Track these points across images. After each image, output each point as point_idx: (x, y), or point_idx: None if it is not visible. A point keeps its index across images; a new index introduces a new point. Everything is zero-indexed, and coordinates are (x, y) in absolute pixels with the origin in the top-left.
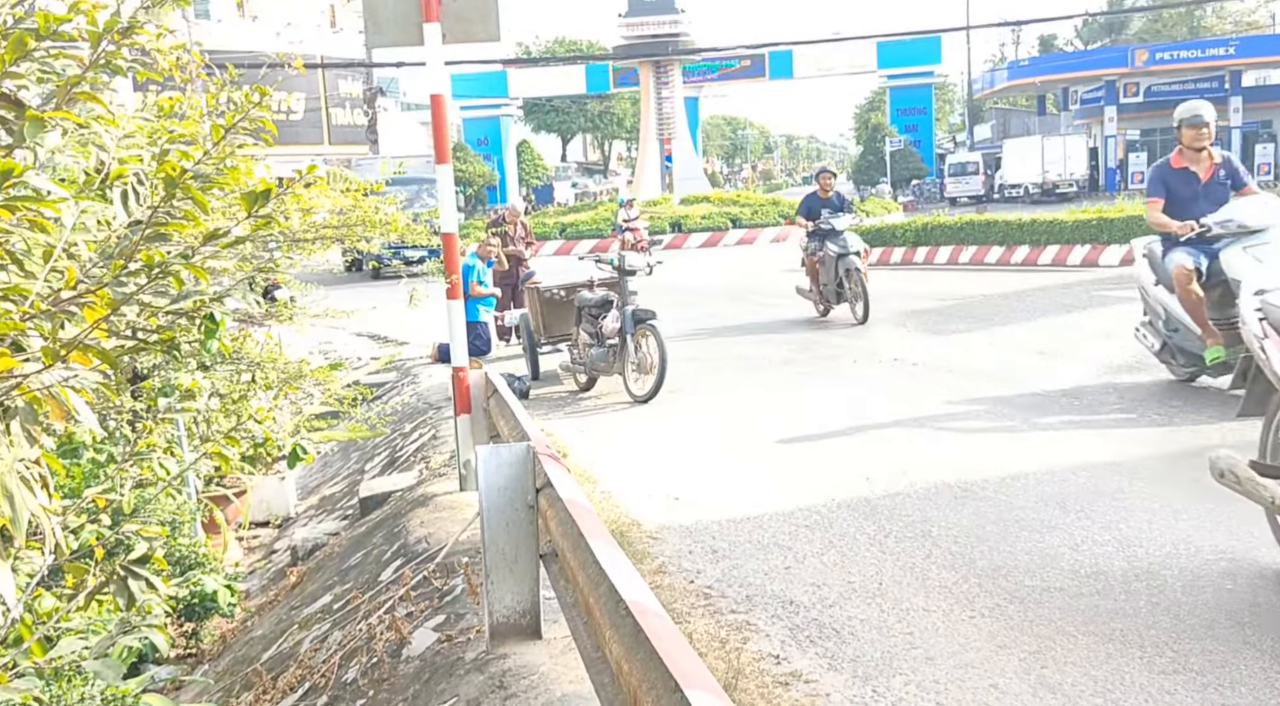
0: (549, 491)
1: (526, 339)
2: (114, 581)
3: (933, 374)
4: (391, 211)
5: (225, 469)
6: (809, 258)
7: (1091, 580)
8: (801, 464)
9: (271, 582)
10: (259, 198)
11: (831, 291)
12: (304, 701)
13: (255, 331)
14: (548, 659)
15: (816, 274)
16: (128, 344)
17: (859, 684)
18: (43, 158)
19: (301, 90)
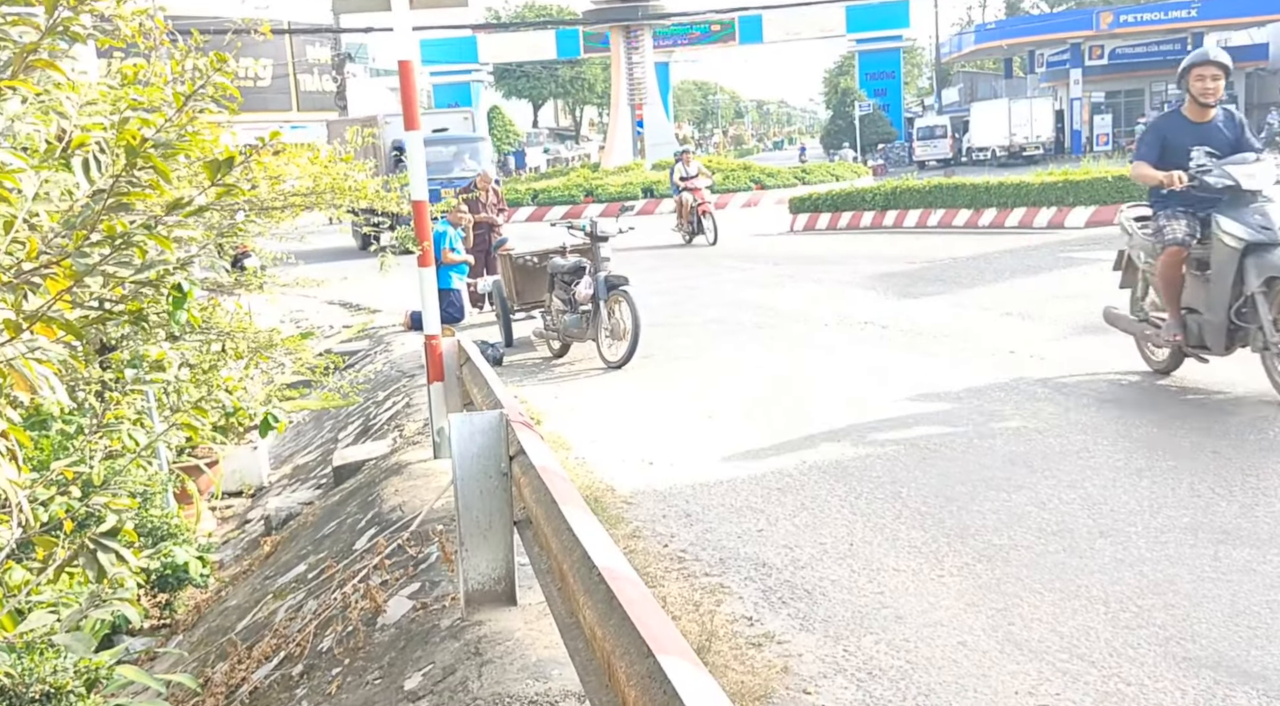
0: (522, 459)
1: (499, 306)
2: (84, 554)
3: (902, 336)
4: (361, 178)
5: (196, 439)
6: None
7: (1057, 538)
8: (774, 427)
9: (245, 552)
10: (222, 166)
11: None
12: (279, 670)
13: (225, 300)
14: (523, 625)
15: None
16: (93, 315)
17: (830, 643)
18: (2, 126)
19: (269, 57)
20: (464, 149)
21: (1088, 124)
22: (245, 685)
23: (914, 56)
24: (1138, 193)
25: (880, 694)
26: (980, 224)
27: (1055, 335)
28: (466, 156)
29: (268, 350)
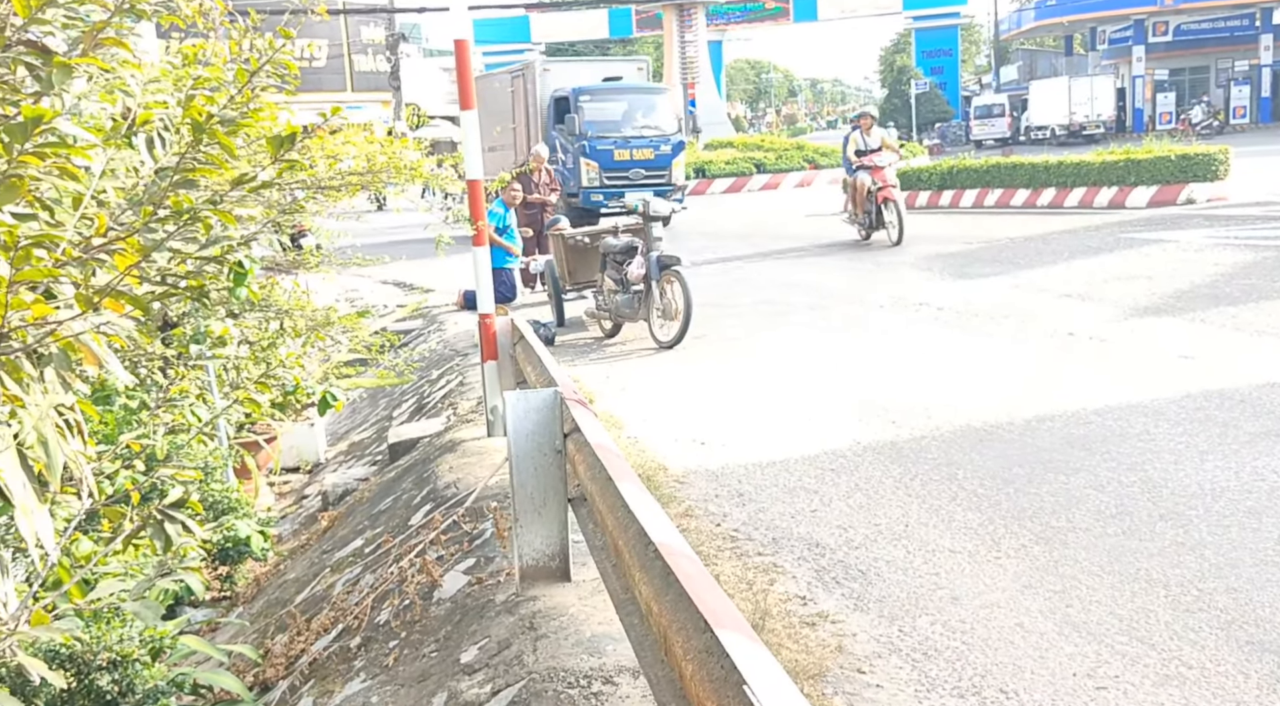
0: (576, 436)
1: (551, 285)
2: (151, 525)
3: (958, 318)
4: (416, 157)
5: (257, 415)
6: None
7: (1116, 520)
8: (827, 408)
9: (303, 527)
10: (284, 141)
11: None
12: (338, 642)
13: (282, 279)
14: (577, 601)
15: None
16: (158, 290)
17: (885, 623)
18: (69, 104)
19: (324, 37)
20: (639, 103)
21: (1150, 102)
22: (305, 656)
23: (972, 34)
24: (1202, 172)
25: (936, 674)
26: (1039, 204)
27: (1116, 316)
28: (640, 113)
29: (325, 328)
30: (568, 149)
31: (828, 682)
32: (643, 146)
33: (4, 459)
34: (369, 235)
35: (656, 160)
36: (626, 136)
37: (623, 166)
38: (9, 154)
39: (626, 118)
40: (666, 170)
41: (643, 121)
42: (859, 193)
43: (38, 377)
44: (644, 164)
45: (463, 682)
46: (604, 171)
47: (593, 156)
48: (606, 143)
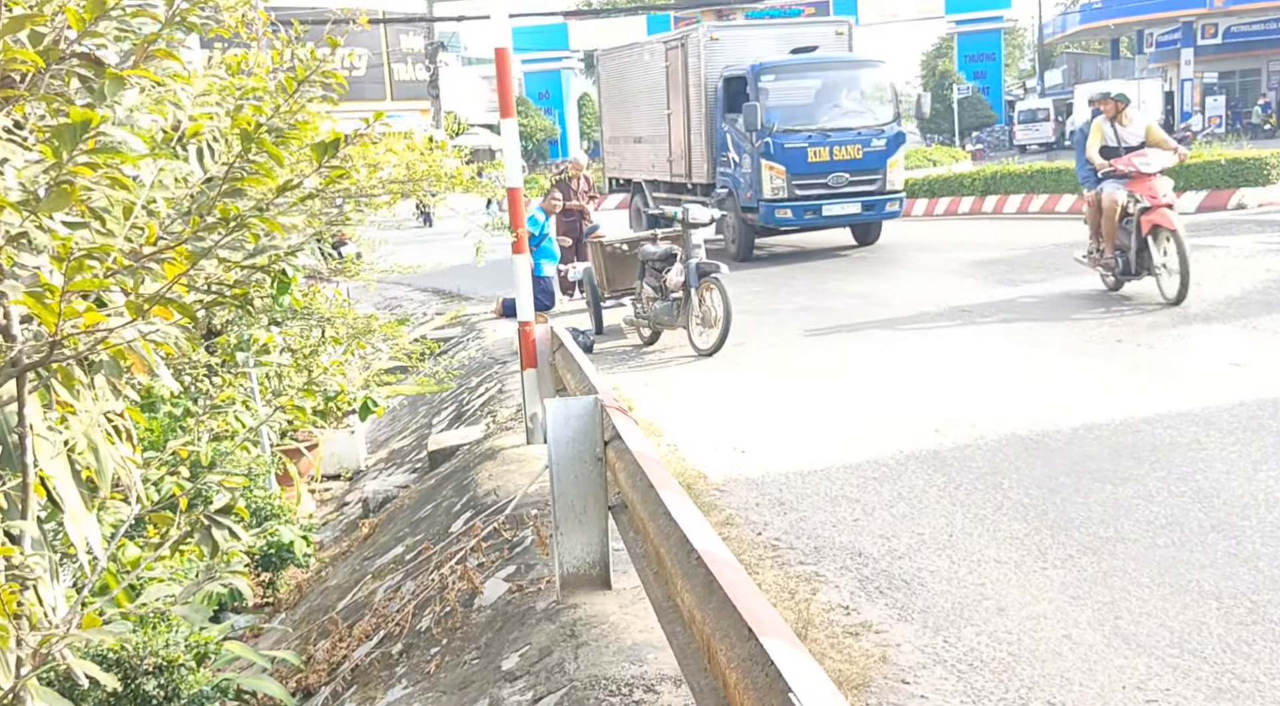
0: (617, 444)
1: (590, 293)
2: (198, 530)
3: (1003, 324)
4: (455, 165)
5: (301, 422)
6: None
7: (1167, 531)
8: (868, 416)
9: (344, 534)
10: (328, 148)
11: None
12: (379, 648)
13: (324, 287)
14: (618, 608)
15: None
16: (206, 298)
17: (929, 634)
18: (121, 116)
19: (364, 46)
20: (841, 82)
21: (1199, 106)
22: (347, 662)
23: (1015, 37)
24: (1253, 177)
25: (982, 686)
26: (1084, 210)
27: (1165, 323)
28: (843, 96)
29: (365, 336)
30: (742, 148)
31: (871, 693)
32: (847, 142)
33: (54, 465)
34: (411, 243)
35: (866, 160)
36: (825, 129)
37: (820, 170)
38: (59, 160)
39: (824, 103)
40: (879, 173)
41: (846, 107)
42: (1106, 215)
43: (89, 384)
44: (849, 165)
45: (504, 690)
46: (794, 178)
47: (778, 158)
48: (797, 139)
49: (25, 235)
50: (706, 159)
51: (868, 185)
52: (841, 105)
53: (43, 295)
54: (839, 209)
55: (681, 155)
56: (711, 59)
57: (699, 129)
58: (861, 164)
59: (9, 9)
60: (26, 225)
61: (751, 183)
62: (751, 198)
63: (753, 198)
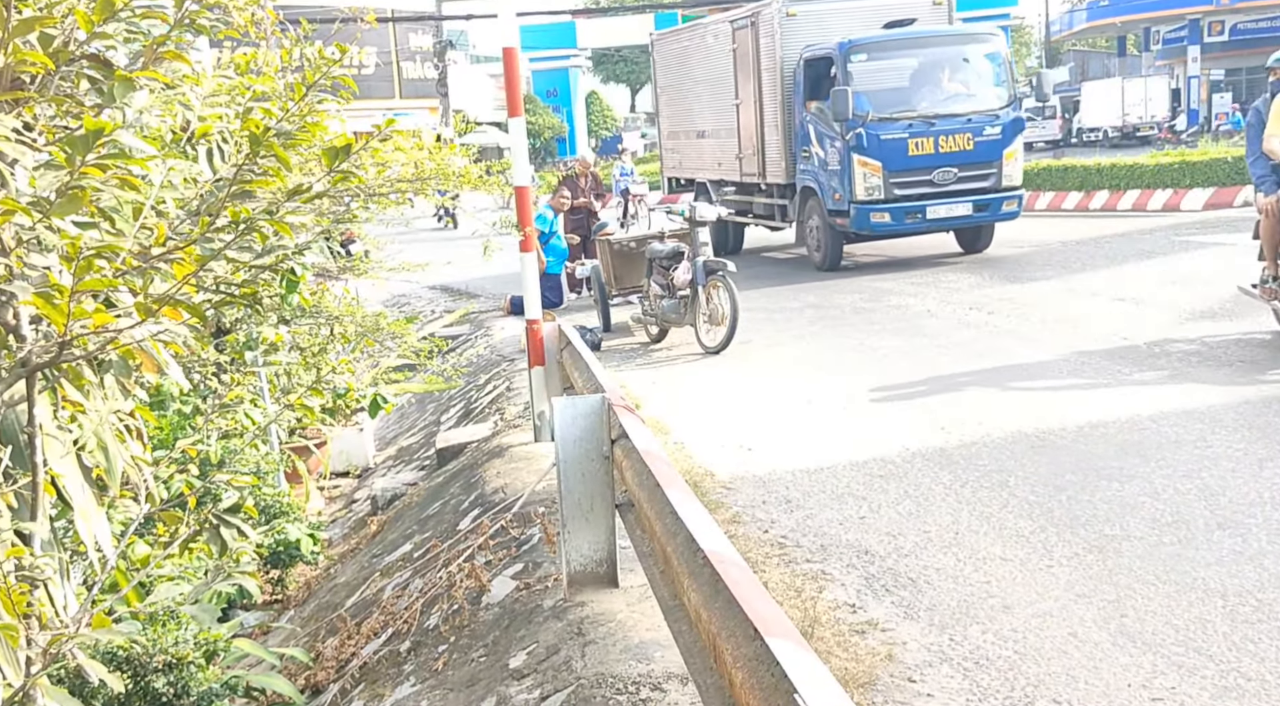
0: (624, 442)
1: (597, 291)
2: (207, 529)
3: (1009, 322)
4: (463, 163)
5: (310, 420)
6: None
7: (1173, 529)
8: (875, 414)
9: (353, 531)
10: (339, 153)
11: None
12: (387, 646)
13: (333, 285)
14: (624, 607)
15: None
16: (214, 298)
17: (935, 632)
18: (130, 117)
19: (373, 45)
20: (945, 60)
21: (1206, 103)
22: (355, 659)
23: (1022, 35)
24: None
25: (988, 684)
26: (1091, 207)
27: (1171, 321)
28: (947, 77)
29: (374, 334)
30: (828, 141)
31: (878, 691)
32: (955, 130)
33: (64, 463)
34: (415, 240)
35: (979, 152)
36: (928, 116)
37: (923, 165)
38: (71, 166)
39: (926, 85)
40: (994, 167)
41: (953, 89)
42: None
43: (98, 384)
44: (958, 159)
45: (511, 687)
46: (892, 175)
47: (873, 152)
48: (896, 128)
49: (35, 236)
50: (783, 155)
51: (980, 181)
52: (947, 87)
53: (52, 296)
54: (946, 210)
55: (753, 151)
56: (788, 38)
57: (774, 120)
58: (973, 156)
59: (19, 11)
60: (38, 227)
61: (840, 182)
62: (840, 199)
63: (842, 199)
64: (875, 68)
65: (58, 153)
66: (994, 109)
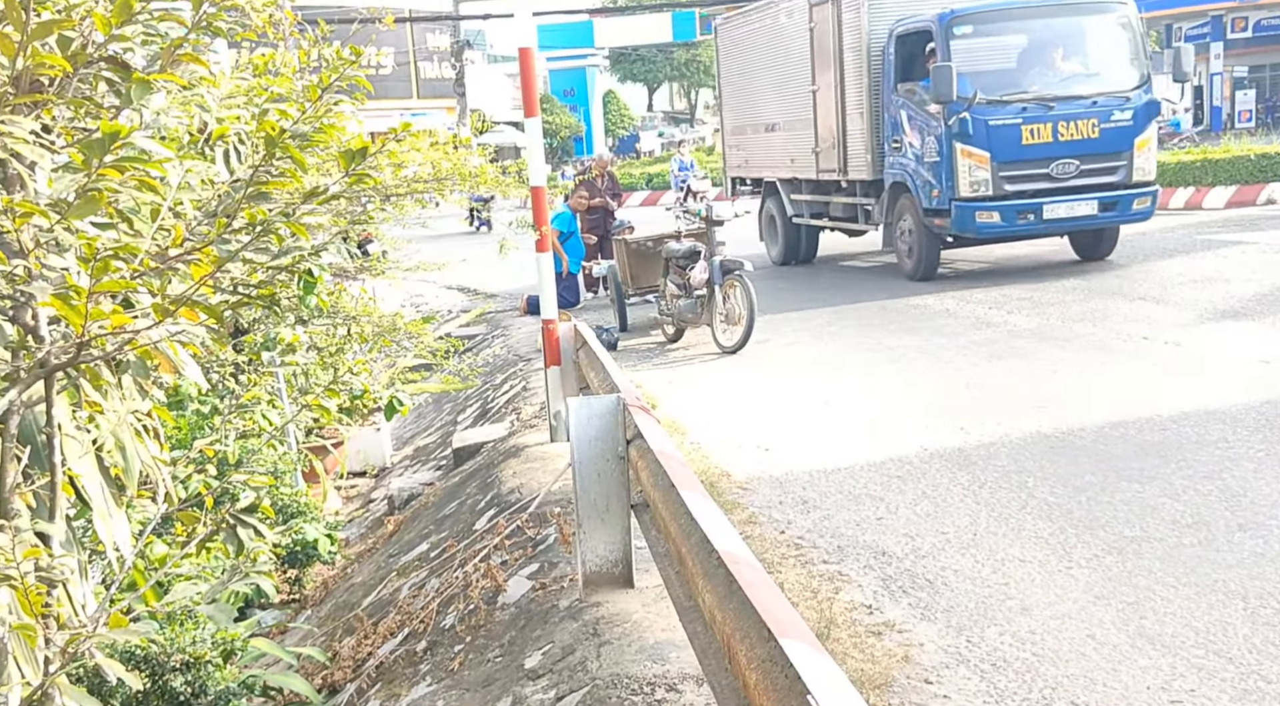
0: (639, 442)
1: (614, 290)
2: (224, 529)
3: (1028, 321)
4: (479, 163)
5: (327, 420)
6: None
7: (1193, 531)
8: (893, 414)
9: (370, 531)
10: (355, 155)
11: None
12: (404, 646)
13: (350, 285)
14: (640, 607)
15: None
16: (231, 299)
17: (953, 634)
18: (148, 119)
19: (390, 45)
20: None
21: (1229, 100)
22: (371, 659)
23: None
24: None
25: (1005, 686)
26: None
27: (1191, 320)
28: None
29: (391, 334)
30: (925, 128)
31: (894, 693)
32: (1078, 115)
33: (83, 463)
34: (432, 240)
35: (1105, 140)
36: (1046, 98)
37: (1039, 156)
38: (89, 168)
39: (1040, 62)
40: (1124, 158)
41: (1074, 67)
42: None
43: (116, 384)
44: (1080, 148)
45: (527, 688)
46: (1002, 168)
47: (980, 140)
48: (1007, 113)
49: (53, 238)
50: (868, 147)
51: (1107, 175)
52: (1067, 65)
53: (70, 297)
54: (1066, 209)
55: (832, 144)
56: (876, 13)
57: (858, 107)
58: (1098, 146)
59: (37, 14)
60: (56, 229)
61: (939, 176)
62: (939, 196)
63: (941, 196)
64: (982, 43)
65: (76, 155)
66: (1123, 90)
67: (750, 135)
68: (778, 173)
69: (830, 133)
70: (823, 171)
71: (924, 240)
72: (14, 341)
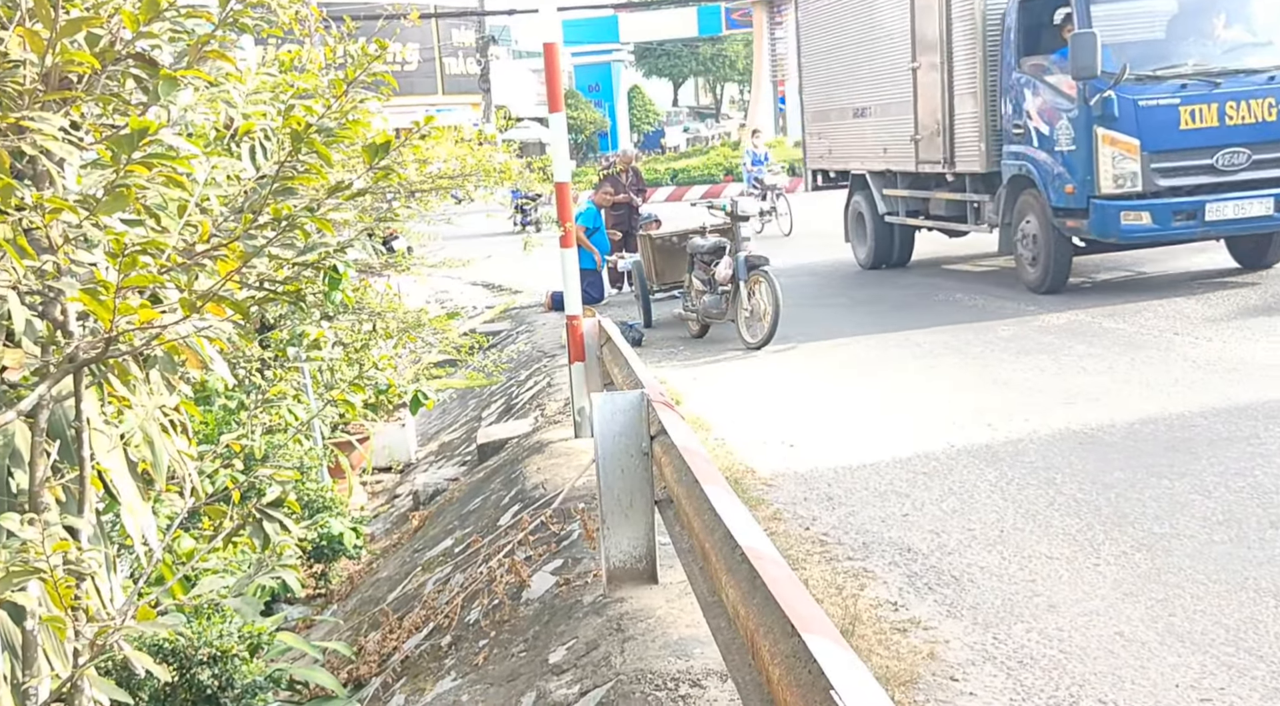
0: (663, 438)
1: (639, 286)
2: (250, 523)
3: (1056, 317)
4: (504, 159)
5: (352, 415)
6: None
7: (1224, 527)
8: (919, 411)
9: (395, 526)
10: (379, 150)
11: None
12: (429, 641)
13: (375, 281)
14: (664, 603)
15: None
16: (257, 295)
17: (979, 631)
18: (175, 115)
19: (416, 41)
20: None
21: None
22: (397, 654)
23: None
24: None
25: (1032, 683)
26: None
27: (1224, 315)
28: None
29: (416, 330)
30: (1057, 111)
31: (919, 690)
32: (1250, 93)
33: (111, 458)
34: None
35: None
36: (1208, 74)
37: (1200, 143)
38: (117, 164)
39: (1194, 30)
40: None
41: (1236, 35)
42: None
43: (144, 379)
44: (1252, 135)
45: (551, 682)
46: (1154, 158)
47: (1126, 125)
48: (1161, 91)
49: (82, 233)
50: (982, 133)
51: None
52: (1230, 33)
53: (98, 292)
54: (1235, 209)
55: (936, 130)
56: None
57: (970, 87)
58: (1275, 132)
59: (66, 11)
60: (85, 225)
61: (1075, 167)
62: (1074, 193)
63: (1077, 193)
64: (1127, 8)
65: (104, 151)
66: None
67: (835, 122)
68: (868, 164)
69: (933, 118)
70: (923, 163)
71: (1052, 245)
72: (43, 336)
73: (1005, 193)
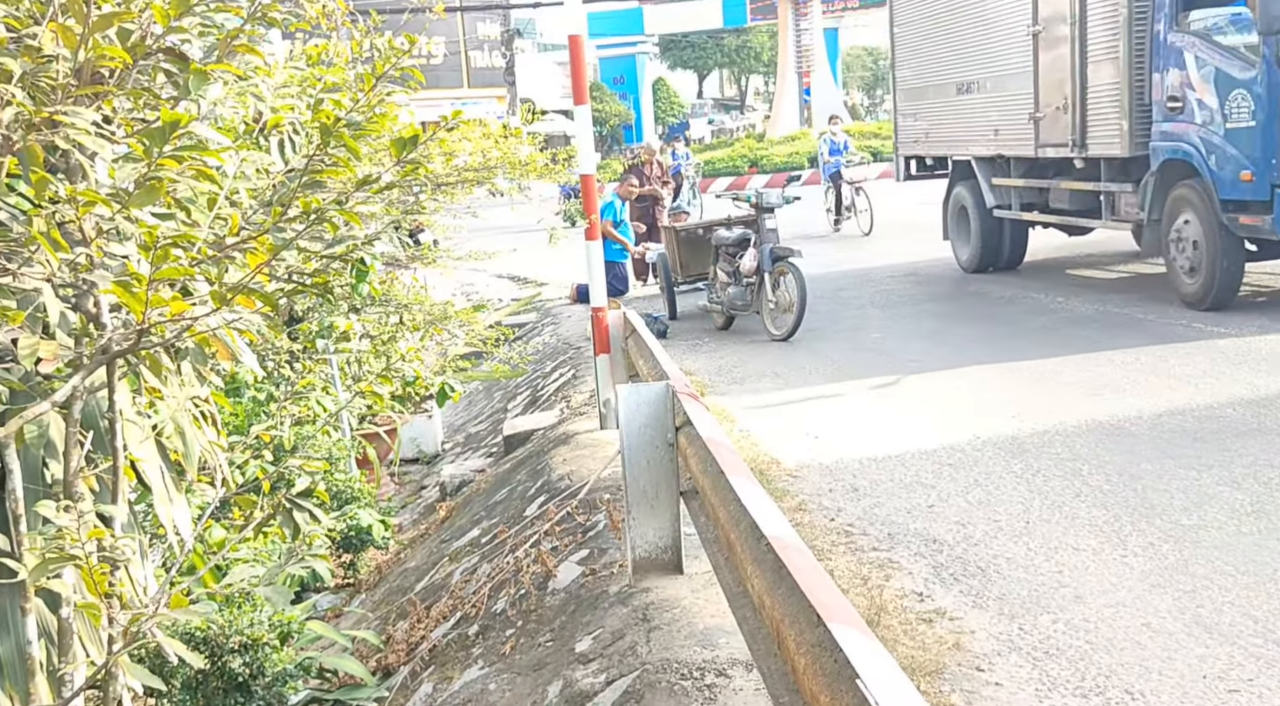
0: (688, 429)
1: (664, 278)
2: (280, 513)
3: (1084, 309)
4: (529, 152)
5: (380, 407)
6: None
7: (1253, 519)
8: (945, 402)
9: (422, 517)
10: (407, 144)
11: None
12: (456, 630)
13: (402, 274)
14: (689, 593)
15: None
16: (286, 287)
17: (1005, 621)
18: (205, 109)
19: (441, 34)
20: None
21: None
22: (424, 643)
23: None
24: None
25: (1058, 673)
26: None
27: (1243, 304)
28: None
29: (442, 322)
30: (1228, 79)
31: (945, 680)
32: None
33: (144, 449)
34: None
35: None
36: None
37: None
38: (148, 158)
39: None
40: None
41: None
42: None
43: (175, 371)
44: None
45: (577, 671)
46: None
47: None
48: None
49: (114, 226)
50: (1124, 110)
51: None
52: None
53: (131, 284)
54: None
55: (1063, 106)
56: None
57: (1110, 52)
58: None
59: (98, 7)
60: (117, 218)
61: (1254, 149)
62: (1253, 181)
63: (1257, 181)
64: None
65: (136, 145)
66: None
67: (933, 99)
68: (973, 149)
69: (1059, 91)
70: (1045, 146)
71: (1220, 248)
72: (77, 328)
73: (1154, 182)
